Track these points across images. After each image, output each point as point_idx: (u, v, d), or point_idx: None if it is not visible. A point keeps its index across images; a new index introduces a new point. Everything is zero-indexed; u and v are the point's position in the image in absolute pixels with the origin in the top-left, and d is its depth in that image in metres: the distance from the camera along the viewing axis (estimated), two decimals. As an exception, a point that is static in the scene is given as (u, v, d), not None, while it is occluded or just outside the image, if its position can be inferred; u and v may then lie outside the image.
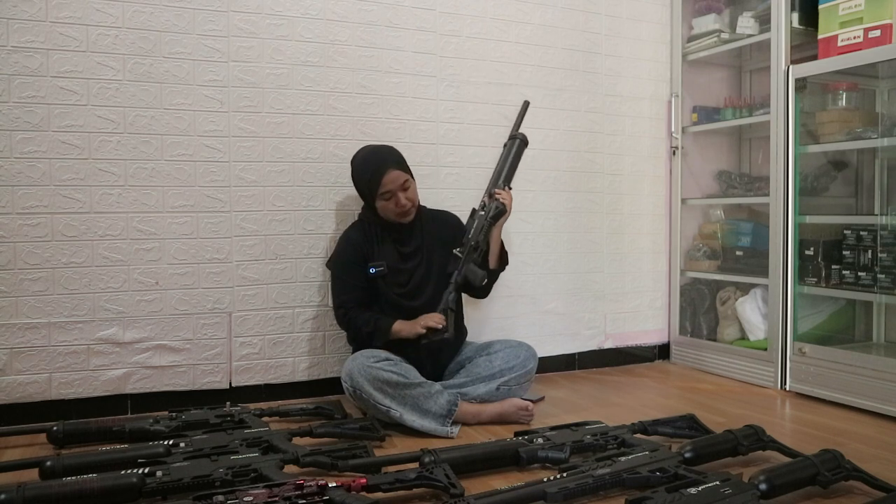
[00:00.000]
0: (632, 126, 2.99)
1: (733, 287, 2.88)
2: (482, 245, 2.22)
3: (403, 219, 2.21)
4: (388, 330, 2.11)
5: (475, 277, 2.19)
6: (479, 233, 2.23)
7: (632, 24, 2.97)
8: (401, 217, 2.20)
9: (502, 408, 2.10)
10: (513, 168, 2.33)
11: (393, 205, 2.16)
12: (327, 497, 1.37)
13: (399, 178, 2.15)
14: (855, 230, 2.43)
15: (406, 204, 2.17)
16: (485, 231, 2.23)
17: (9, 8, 2.04)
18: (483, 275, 2.19)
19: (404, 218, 2.21)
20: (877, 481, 1.54)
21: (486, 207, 2.26)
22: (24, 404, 2.09)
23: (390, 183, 2.14)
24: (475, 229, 2.24)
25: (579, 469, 1.51)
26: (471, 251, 2.21)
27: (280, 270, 2.38)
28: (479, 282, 2.19)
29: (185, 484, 1.46)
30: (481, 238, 2.22)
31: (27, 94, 2.07)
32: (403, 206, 2.17)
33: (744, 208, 3.02)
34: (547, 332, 2.83)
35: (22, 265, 2.08)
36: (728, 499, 1.35)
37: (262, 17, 2.33)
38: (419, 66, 2.57)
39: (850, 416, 2.21)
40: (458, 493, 1.44)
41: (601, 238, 2.95)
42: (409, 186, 2.19)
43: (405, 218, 2.21)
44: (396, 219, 2.20)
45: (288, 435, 1.78)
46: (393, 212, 2.18)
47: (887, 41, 2.25)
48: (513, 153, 2.34)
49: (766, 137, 2.64)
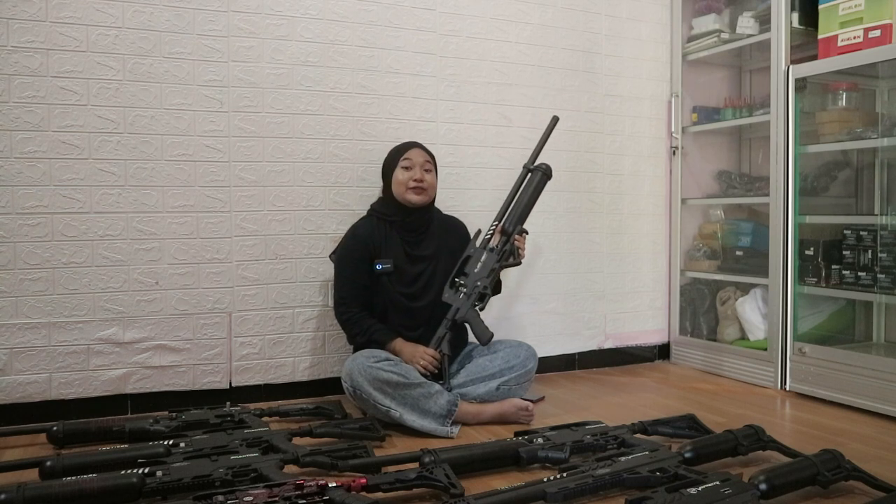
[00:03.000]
0: (632, 126, 2.99)
1: (733, 287, 2.88)
2: (490, 293, 2.16)
3: (414, 196, 2.19)
4: (382, 346, 2.13)
5: (483, 337, 2.11)
6: (486, 276, 2.14)
7: (632, 24, 2.97)
8: (413, 195, 2.19)
9: (502, 408, 2.10)
10: (531, 205, 2.23)
11: (408, 176, 2.18)
12: (327, 497, 1.37)
13: (423, 156, 2.23)
14: (855, 230, 2.43)
15: (422, 179, 2.19)
16: (494, 276, 2.17)
17: (9, 8, 2.04)
18: (490, 336, 2.12)
19: (416, 196, 2.19)
20: (877, 481, 1.54)
21: (497, 248, 2.17)
22: (24, 404, 2.09)
23: (414, 155, 2.22)
24: (482, 266, 2.15)
25: (579, 469, 1.51)
26: (477, 297, 2.13)
27: (280, 270, 2.38)
28: (486, 343, 2.12)
29: (185, 484, 1.46)
30: (489, 284, 2.14)
31: (27, 94, 2.07)
32: (419, 181, 2.18)
33: (744, 208, 3.02)
34: (547, 332, 2.82)
35: (22, 265, 2.08)
36: (728, 499, 1.35)
37: (262, 17, 2.33)
38: (419, 66, 2.57)
39: (850, 416, 2.21)
40: (458, 493, 1.44)
41: (601, 238, 2.95)
42: (430, 170, 2.24)
43: (417, 197, 2.19)
44: (407, 193, 2.19)
45: (288, 435, 1.78)
46: (406, 185, 2.18)
47: (887, 41, 2.25)
48: (534, 187, 2.22)
49: (766, 137, 2.64)
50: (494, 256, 2.17)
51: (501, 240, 2.19)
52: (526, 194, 2.22)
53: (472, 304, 2.14)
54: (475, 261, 2.17)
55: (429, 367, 2.09)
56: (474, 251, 2.19)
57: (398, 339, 2.15)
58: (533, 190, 2.22)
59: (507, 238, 2.19)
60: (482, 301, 2.15)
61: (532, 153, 2.30)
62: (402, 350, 2.12)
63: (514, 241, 2.18)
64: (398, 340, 2.15)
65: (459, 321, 2.15)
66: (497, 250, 2.18)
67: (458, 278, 2.17)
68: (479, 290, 2.14)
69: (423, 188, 2.19)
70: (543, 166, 2.25)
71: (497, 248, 2.18)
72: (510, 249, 2.17)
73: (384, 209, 2.25)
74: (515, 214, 2.20)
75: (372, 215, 2.27)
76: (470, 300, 2.14)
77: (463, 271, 2.17)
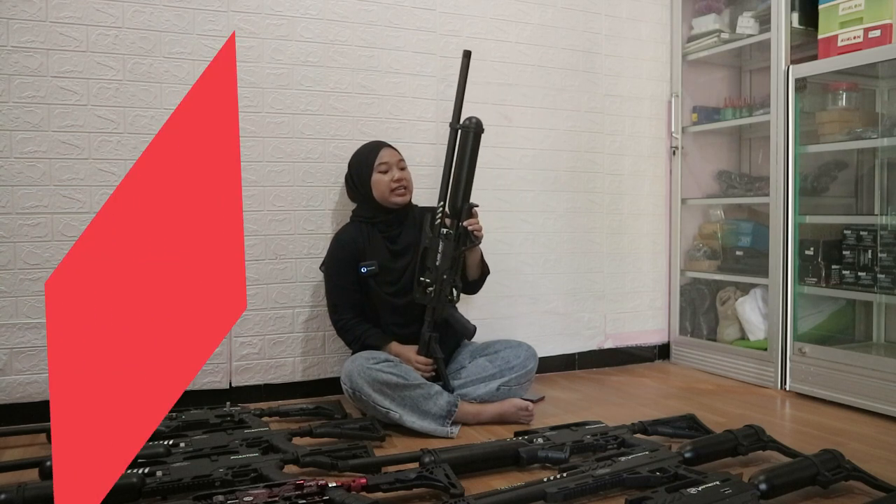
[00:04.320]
0: (632, 126, 2.99)
1: (733, 287, 2.88)
2: (459, 283, 2.12)
3: (397, 198, 2.19)
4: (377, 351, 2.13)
5: (466, 332, 2.09)
6: (449, 267, 2.08)
7: (632, 24, 2.97)
8: (395, 195, 2.18)
9: (502, 408, 2.10)
10: (471, 173, 2.04)
11: (388, 178, 2.17)
12: (327, 497, 1.37)
13: (395, 155, 2.22)
14: (855, 230, 2.43)
15: (401, 179, 2.18)
16: (458, 265, 2.10)
17: (9, 8, 2.04)
18: (473, 329, 2.11)
19: (399, 197, 2.19)
20: (877, 481, 1.54)
21: (452, 234, 2.08)
22: (24, 404, 2.09)
23: (387, 157, 2.20)
24: (443, 257, 2.06)
25: (579, 469, 1.51)
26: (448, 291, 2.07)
27: (280, 270, 2.38)
28: (470, 337, 2.11)
29: (185, 484, 1.46)
30: (455, 273, 2.09)
31: (27, 94, 2.07)
32: (400, 181, 2.18)
33: (744, 208, 3.02)
34: (547, 332, 2.82)
35: (22, 265, 2.08)
36: (728, 499, 1.35)
37: (262, 17, 2.33)
38: (419, 66, 2.57)
39: (850, 416, 2.21)
40: (458, 493, 1.44)
41: (601, 238, 2.95)
42: (405, 168, 2.23)
43: (399, 197, 2.19)
44: (391, 196, 2.18)
45: (288, 435, 1.78)
46: (388, 187, 2.17)
47: (887, 41, 2.25)
48: (469, 152, 2.04)
49: (766, 137, 2.64)
50: (451, 243, 2.08)
51: (452, 223, 2.10)
52: (463, 163, 2.05)
53: (445, 300, 2.11)
54: (433, 252, 2.10)
55: (425, 376, 2.09)
56: (430, 241, 2.11)
57: (392, 344, 2.15)
58: (469, 155, 2.04)
59: (458, 221, 2.09)
60: (453, 295, 2.10)
61: (454, 107, 2.13)
62: (397, 356, 2.12)
63: (470, 226, 2.07)
64: (392, 345, 2.15)
65: (439, 321, 2.14)
66: (452, 237, 2.09)
67: (422, 276, 2.12)
68: (450, 284, 2.10)
69: (406, 187, 2.20)
70: (473, 121, 2.05)
71: (452, 235, 2.09)
72: (463, 233, 2.08)
73: (365, 212, 2.25)
74: (458, 191, 2.06)
75: (354, 220, 2.28)
76: (442, 297, 2.10)
77: (425, 266, 2.12)
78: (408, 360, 2.11)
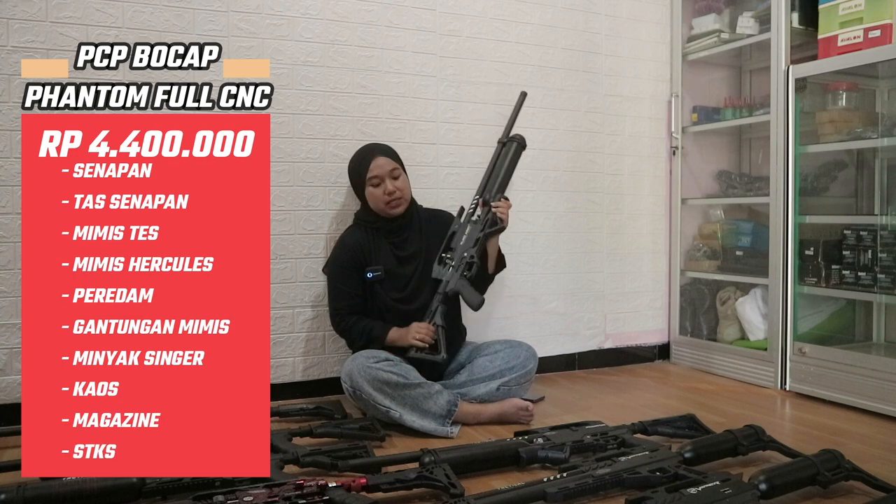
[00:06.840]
0: (632, 126, 2.99)
1: (733, 287, 2.88)
2: (477, 261, 2.18)
3: (393, 210, 2.18)
4: (382, 341, 2.13)
5: (473, 302, 2.15)
6: (472, 246, 2.17)
7: (632, 24, 2.97)
8: (390, 207, 2.17)
9: (502, 408, 2.10)
10: (509, 174, 2.25)
11: (381, 192, 2.15)
12: (327, 497, 1.37)
13: (387, 164, 2.17)
14: (855, 230, 2.43)
15: (394, 191, 2.16)
16: (480, 245, 2.18)
17: (9, 8, 2.04)
18: (481, 301, 2.15)
19: (393, 209, 2.18)
20: (877, 481, 1.54)
21: (480, 218, 2.21)
22: (24, 404, 2.09)
23: (378, 168, 2.15)
24: (467, 238, 2.19)
25: (579, 469, 1.51)
26: (465, 267, 2.16)
27: (280, 270, 2.38)
28: (476, 307, 2.15)
29: (185, 484, 1.46)
30: (476, 253, 2.17)
31: (27, 94, 2.06)
32: (392, 193, 2.15)
33: (744, 208, 3.02)
34: (547, 332, 2.82)
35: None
36: (728, 499, 1.35)
37: (261, 17, 2.33)
38: (419, 66, 2.56)
39: (850, 416, 2.21)
40: (458, 493, 1.44)
41: (601, 238, 2.95)
42: (399, 176, 2.19)
43: (394, 209, 2.18)
44: (386, 209, 2.18)
45: (288, 435, 1.78)
46: (381, 200, 2.16)
47: (887, 41, 2.25)
48: (510, 158, 2.25)
49: (766, 137, 2.64)
50: (479, 227, 2.20)
51: (484, 210, 2.22)
52: (503, 165, 2.25)
53: (461, 274, 2.17)
54: (460, 234, 2.21)
55: (426, 339, 2.10)
56: (458, 226, 2.23)
57: (392, 329, 2.15)
58: (510, 160, 2.25)
59: (489, 208, 2.22)
60: (470, 270, 2.17)
61: (505, 129, 2.32)
62: (397, 337, 2.13)
63: (495, 208, 2.20)
64: (392, 330, 2.15)
65: (450, 293, 2.17)
66: (480, 220, 2.21)
67: (445, 254, 2.20)
68: (467, 259, 2.17)
69: (399, 198, 2.18)
70: (518, 137, 2.28)
71: (480, 219, 2.21)
72: (492, 217, 2.20)
73: (368, 217, 2.24)
74: (494, 185, 2.23)
75: (359, 224, 2.26)
76: (458, 271, 2.17)
77: (449, 247, 2.21)
78: (407, 330, 2.12)
